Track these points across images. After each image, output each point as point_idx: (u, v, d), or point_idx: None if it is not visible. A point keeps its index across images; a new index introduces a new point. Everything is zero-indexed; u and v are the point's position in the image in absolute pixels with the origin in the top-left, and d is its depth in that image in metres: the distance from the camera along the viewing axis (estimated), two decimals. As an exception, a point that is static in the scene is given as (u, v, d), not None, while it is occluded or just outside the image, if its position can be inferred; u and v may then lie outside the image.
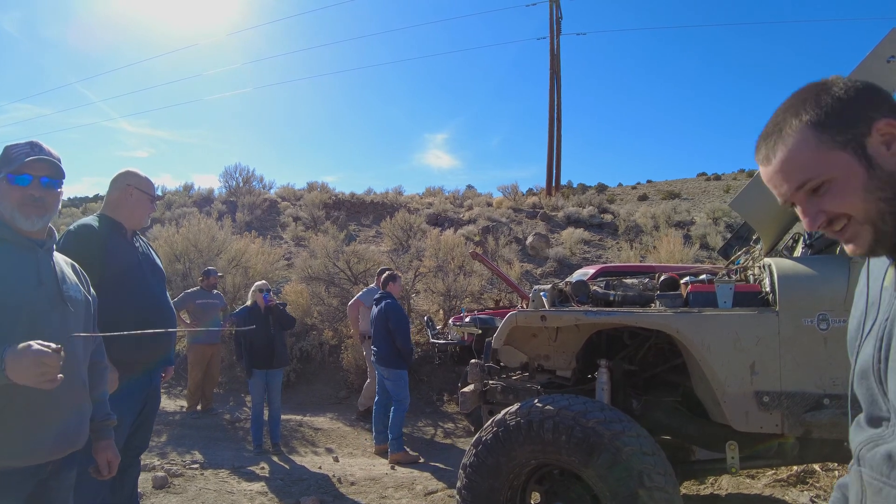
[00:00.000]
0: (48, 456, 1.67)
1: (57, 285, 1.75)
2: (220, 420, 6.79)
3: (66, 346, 1.71)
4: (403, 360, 5.51)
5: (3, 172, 1.74)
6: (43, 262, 1.73)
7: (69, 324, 1.76)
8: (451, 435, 6.50)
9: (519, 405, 2.70)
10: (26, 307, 1.62)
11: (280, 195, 18.15)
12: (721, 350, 2.51)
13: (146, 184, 2.88)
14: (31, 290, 1.66)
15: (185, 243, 8.73)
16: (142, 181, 2.86)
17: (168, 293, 3.02)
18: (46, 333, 1.64)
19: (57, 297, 1.73)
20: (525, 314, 2.88)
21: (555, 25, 18.89)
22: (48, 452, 1.66)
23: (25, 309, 1.62)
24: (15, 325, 1.58)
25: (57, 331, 1.69)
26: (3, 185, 1.74)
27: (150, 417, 2.93)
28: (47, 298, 1.70)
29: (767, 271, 2.66)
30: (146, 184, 2.88)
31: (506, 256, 12.36)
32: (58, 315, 1.72)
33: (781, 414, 2.47)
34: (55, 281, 1.75)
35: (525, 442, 2.60)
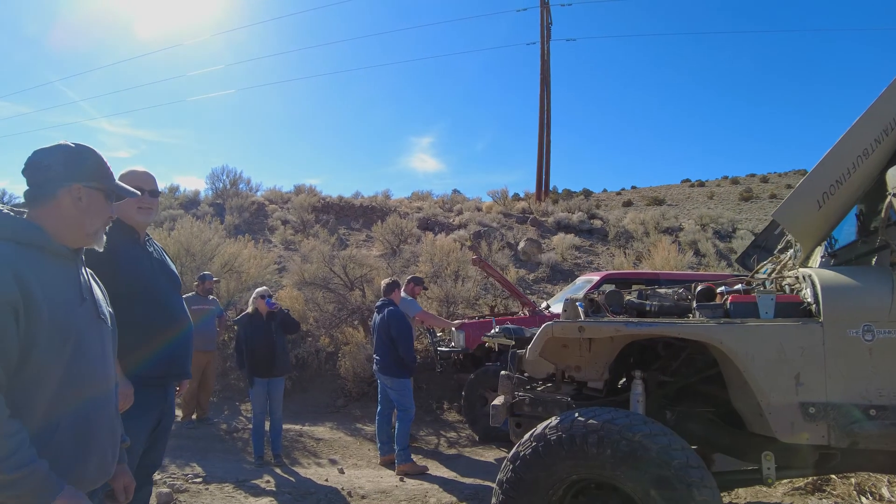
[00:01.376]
0: (88, 487, 1.53)
1: (94, 301, 1.62)
2: (216, 430, 6.62)
3: (104, 364, 1.62)
4: (406, 368, 5.39)
5: (98, 184, 1.62)
6: (81, 275, 1.60)
7: (106, 345, 1.64)
8: (454, 444, 6.41)
9: (558, 419, 2.63)
10: (73, 329, 1.48)
11: (267, 198, 17.90)
12: (765, 361, 2.48)
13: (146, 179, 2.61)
14: (74, 308, 1.52)
15: (177, 247, 8.51)
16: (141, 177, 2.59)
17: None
18: (90, 358, 1.54)
19: (95, 314, 1.60)
20: (561, 325, 2.82)
21: (545, 31, 18.99)
22: (89, 483, 1.54)
23: (72, 331, 1.48)
24: (62, 350, 1.44)
25: (98, 354, 1.58)
26: (98, 199, 1.63)
27: (165, 434, 2.77)
28: (88, 317, 1.57)
29: (808, 282, 2.64)
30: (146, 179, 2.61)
31: (499, 262, 12.34)
32: (97, 334, 1.59)
33: (827, 425, 2.45)
34: (92, 295, 1.62)
35: (567, 457, 2.53)
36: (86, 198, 1.59)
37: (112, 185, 1.67)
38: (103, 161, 1.67)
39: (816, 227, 2.75)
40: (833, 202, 2.68)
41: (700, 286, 2.98)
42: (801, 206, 2.66)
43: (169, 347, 2.62)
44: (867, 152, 2.67)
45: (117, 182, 1.71)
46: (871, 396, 2.42)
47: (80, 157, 1.61)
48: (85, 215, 1.59)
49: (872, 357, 2.43)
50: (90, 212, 1.60)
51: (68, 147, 1.61)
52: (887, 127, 2.70)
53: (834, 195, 2.66)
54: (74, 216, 1.57)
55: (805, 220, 2.68)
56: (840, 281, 2.56)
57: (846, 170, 2.66)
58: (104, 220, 1.66)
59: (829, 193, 2.65)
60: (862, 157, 2.67)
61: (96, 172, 1.63)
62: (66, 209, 1.56)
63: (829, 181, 2.64)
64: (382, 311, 5.53)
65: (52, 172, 1.56)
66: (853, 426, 2.40)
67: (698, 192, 29.89)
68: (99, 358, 1.58)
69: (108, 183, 1.66)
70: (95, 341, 1.57)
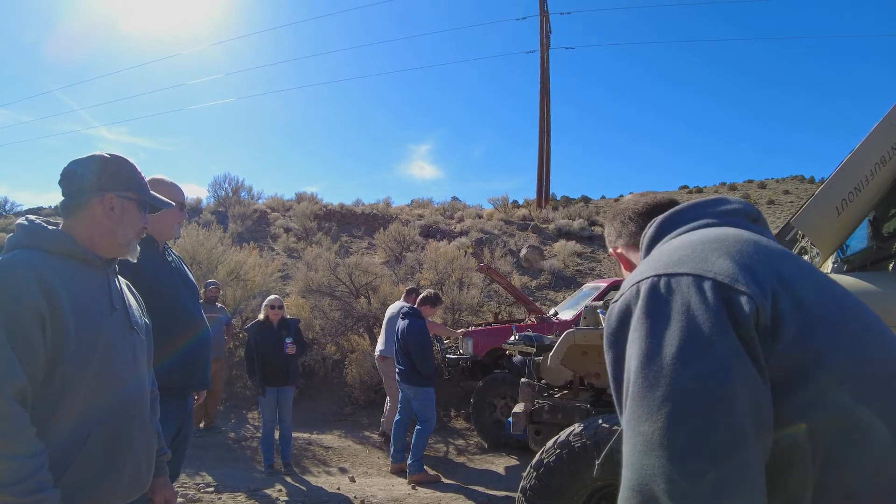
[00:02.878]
0: (122, 500, 1.52)
1: (126, 311, 1.60)
2: (225, 439, 6.59)
3: (136, 375, 1.60)
4: (426, 378, 5.31)
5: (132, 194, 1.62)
6: (112, 284, 1.59)
7: (138, 355, 1.62)
8: (463, 452, 6.40)
9: (582, 426, 2.65)
10: (101, 338, 1.46)
11: (269, 205, 17.92)
12: None
13: (175, 190, 2.70)
14: (104, 317, 1.50)
15: (182, 255, 8.49)
16: (170, 188, 2.68)
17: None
18: (120, 367, 1.52)
19: (126, 324, 1.58)
20: (584, 332, 2.84)
21: (544, 40, 19.11)
22: (123, 497, 1.51)
23: (101, 340, 1.46)
24: (92, 354, 1.43)
25: (129, 362, 1.56)
26: (131, 209, 1.62)
27: (184, 443, 2.75)
28: (119, 327, 1.55)
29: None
30: (175, 190, 2.70)
31: (502, 269, 12.35)
32: (129, 343, 1.57)
33: None
34: (124, 305, 1.60)
35: (592, 463, 2.55)
36: (118, 208, 1.58)
37: (146, 195, 1.67)
38: (137, 171, 1.67)
39: (835, 234, 2.78)
40: (852, 209, 2.71)
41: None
42: (821, 213, 2.69)
43: (189, 356, 2.62)
44: (885, 159, 2.70)
45: (152, 193, 1.71)
46: (894, 402, 2.44)
47: (113, 166, 1.62)
48: (118, 225, 1.59)
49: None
50: (123, 222, 1.60)
51: (103, 157, 1.62)
52: (904, 135, 2.74)
53: (853, 202, 2.69)
54: (107, 226, 1.57)
55: (824, 227, 2.71)
56: (859, 287, 2.58)
57: (864, 177, 2.69)
58: (137, 231, 1.66)
59: (848, 200, 2.68)
60: (879, 165, 2.70)
61: (130, 182, 1.63)
62: (98, 218, 1.56)
63: (847, 188, 2.67)
64: (406, 320, 5.42)
65: (86, 182, 1.56)
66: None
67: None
68: (130, 368, 1.57)
69: (143, 193, 1.66)
70: (126, 351, 1.56)
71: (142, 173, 1.69)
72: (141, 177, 1.68)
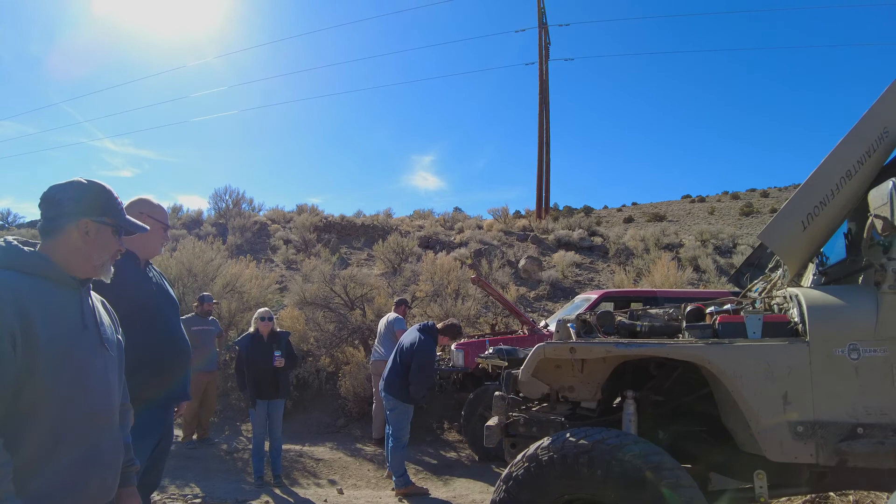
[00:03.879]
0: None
1: (97, 328, 1.66)
2: (217, 450, 6.61)
3: (106, 391, 1.66)
4: (412, 399, 5.17)
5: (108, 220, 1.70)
6: (85, 303, 1.65)
7: (108, 370, 1.68)
8: (454, 464, 6.39)
9: (550, 439, 2.66)
10: (73, 355, 1.53)
11: (270, 217, 18.03)
12: (753, 381, 2.51)
13: (160, 212, 2.80)
14: (76, 334, 1.57)
15: (179, 268, 8.58)
16: (155, 209, 2.78)
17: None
18: (90, 382, 1.58)
19: (98, 341, 1.64)
20: (553, 346, 2.86)
21: (543, 51, 19.24)
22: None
23: (72, 356, 1.53)
24: (63, 371, 1.49)
25: (99, 378, 1.62)
26: (106, 234, 1.70)
27: (164, 454, 2.81)
28: (90, 344, 1.61)
29: (795, 301, 2.68)
30: (160, 212, 2.80)
31: (499, 280, 12.37)
32: (100, 360, 1.64)
33: (815, 444, 2.47)
34: (95, 323, 1.67)
35: (559, 477, 2.56)
36: (94, 232, 1.66)
37: (122, 221, 1.75)
38: (114, 197, 1.75)
39: (802, 248, 2.80)
40: (818, 222, 2.73)
41: (689, 306, 3.02)
42: (787, 227, 2.71)
43: (169, 369, 2.68)
44: (850, 173, 2.73)
45: (127, 218, 1.79)
46: (859, 415, 2.45)
47: (91, 193, 1.70)
48: (93, 249, 1.67)
49: (859, 376, 2.46)
50: (98, 245, 1.68)
51: (80, 183, 1.70)
52: (870, 148, 2.76)
53: (819, 216, 2.71)
54: (82, 249, 1.65)
55: (791, 241, 2.73)
56: (826, 300, 2.60)
57: (830, 191, 2.71)
58: (112, 254, 1.74)
59: (814, 214, 2.70)
60: (845, 178, 2.73)
61: (106, 208, 1.71)
62: (74, 242, 1.64)
63: (813, 202, 2.70)
64: (417, 335, 5.25)
65: (64, 207, 1.64)
66: (840, 444, 2.42)
67: (699, 208, 29.94)
68: (100, 383, 1.62)
69: (118, 218, 1.74)
70: (97, 367, 1.62)
71: (118, 199, 1.77)
72: (117, 203, 1.76)
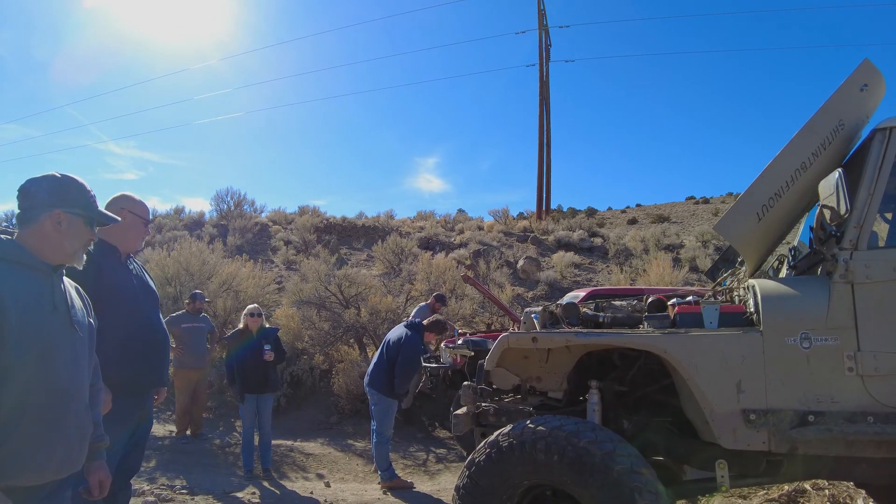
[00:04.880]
0: (52, 476, 1.69)
1: (67, 311, 1.79)
2: (209, 445, 6.72)
3: (74, 369, 1.78)
4: (395, 394, 5.25)
5: (80, 211, 1.83)
6: (56, 287, 1.78)
7: (77, 350, 1.80)
8: (443, 460, 6.46)
9: (511, 426, 2.72)
10: (42, 334, 1.66)
11: (271, 219, 18.19)
12: (708, 369, 2.56)
13: (140, 207, 2.92)
14: (45, 315, 1.69)
15: (176, 267, 8.71)
16: (136, 205, 2.90)
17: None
18: (58, 360, 1.71)
19: (67, 322, 1.77)
20: (517, 336, 2.93)
21: (544, 53, 19.31)
22: (53, 472, 1.69)
23: (41, 335, 1.65)
24: (29, 352, 1.62)
25: (67, 357, 1.75)
26: (78, 224, 1.82)
27: (143, 439, 2.92)
28: (59, 324, 1.74)
29: (751, 292, 2.73)
30: (140, 207, 2.92)
31: (497, 280, 12.43)
32: (68, 340, 1.76)
33: (768, 431, 2.51)
34: (66, 306, 1.79)
35: (518, 463, 2.62)
36: (65, 222, 1.80)
37: (93, 212, 1.89)
38: (86, 190, 1.89)
39: (758, 239, 2.84)
40: (773, 214, 2.78)
41: (651, 298, 3.07)
42: (742, 219, 2.75)
43: (145, 356, 2.78)
44: (805, 165, 2.77)
45: (100, 210, 1.93)
46: (810, 403, 2.49)
47: (63, 186, 1.83)
48: (64, 238, 1.80)
49: (810, 364, 2.50)
50: (69, 235, 1.81)
51: (54, 177, 1.84)
52: (825, 141, 2.81)
53: (774, 207, 2.76)
54: (55, 238, 1.79)
55: (746, 232, 2.77)
56: (780, 291, 2.64)
57: (785, 182, 2.76)
58: (84, 243, 1.88)
59: (769, 206, 2.75)
60: (800, 171, 2.78)
61: (78, 200, 1.84)
62: (47, 231, 1.78)
63: (768, 194, 2.75)
64: (405, 331, 5.33)
65: (38, 199, 1.79)
66: (791, 432, 2.46)
67: (703, 209, 29.81)
68: (68, 361, 1.75)
69: (90, 210, 1.87)
70: (66, 346, 1.75)
71: (91, 192, 1.91)
72: (89, 195, 1.89)
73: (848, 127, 2.86)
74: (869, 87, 2.97)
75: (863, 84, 2.97)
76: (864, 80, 2.98)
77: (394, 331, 5.52)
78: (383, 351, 5.37)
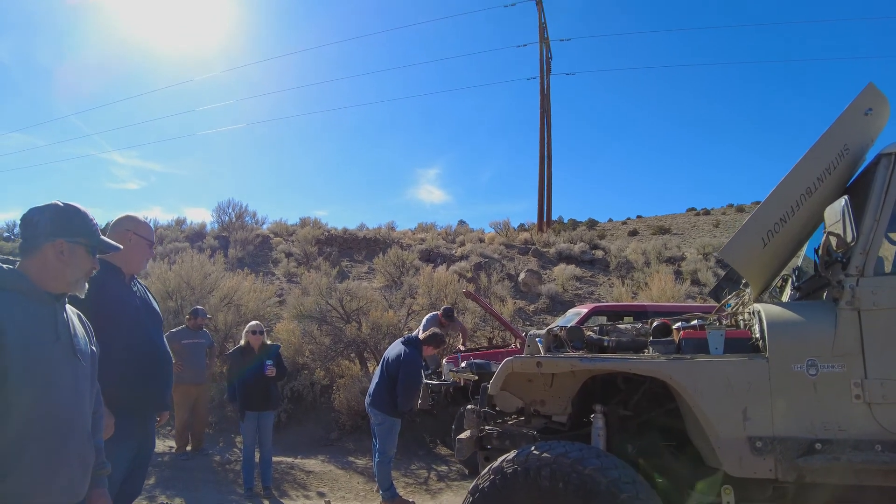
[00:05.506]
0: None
1: (70, 340, 1.78)
2: (209, 462, 6.67)
3: (76, 398, 1.77)
4: (399, 413, 5.18)
5: (82, 240, 1.82)
6: (59, 316, 1.77)
7: (79, 379, 1.79)
8: (444, 478, 6.40)
9: (516, 452, 2.70)
10: (43, 365, 1.65)
11: (272, 231, 18.20)
12: (713, 396, 2.54)
13: (145, 229, 2.93)
14: (48, 346, 1.69)
15: (177, 280, 8.70)
16: (141, 226, 2.91)
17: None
18: (60, 391, 1.70)
19: (70, 352, 1.76)
20: (521, 360, 2.91)
21: (545, 66, 19.42)
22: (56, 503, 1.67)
23: (43, 367, 1.65)
24: (34, 379, 1.61)
25: (69, 387, 1.73)
26: (80, 253, 1.81)
27: (145, 463, 2.89)
28: (61, 354, 1.73)
29: (757, 317, 2.72)
30: (145, 229, 2.93)
31: (498, 293, 12.40)
32: (70, 369, 1.75)
33: (774, 459, 2.49)
34: (69, 335, 1.79)
35: (522, 490, 2.59)
36: (68, 252, 1.79)
37: (95, 241, 1.88)
38: (88, 219, 1.88)
39: (763, 264, 2.84)
40: (779, 239, 2.77)
41: (656, 322, 3.06)
42: (747, 244, 2.75)
43: (148, 379, 2.77)
44: (810, 190, 2.77)
45: (101, 238, 1.92)
46: (817, 430, 2.47)
47: (65, 215, 1.83)
48: (66, 266, 1.79)
49: (817, 391, 2.48)
50: (71, 264, 1.80)
51: (57, 206, 1.83)
52: (830, 165, 2.81)
53: (779, 232, 2.76)
54: (57, 267, 1.78)
55: (751, 258, 2.77)
56: (786, 316, 2.63)
57: (790, 208, 2.76)
58: (85, 271, 1.86)
59: (774, 231, 2.74)
60: (806, 196, 2.77)
61: (80, 229, 1.84)
62: (49, 261, 1.77)
63: (773, 219, 2.74)
64: (402, 348, 5.24)
65: (40, 228, 1.78)
66: (798, 460, 2.44)
67: (704, 221, 29.85)
68: (70, 391, 1.74)
69: (92, 239, 1.86)
70: (67, 376, 1.73)
71: (93, 221, 1.90)
72: (91, 224, 1.88)
73: (852, 151, 2.86)
74: (873, 111, 2.98)
75: (867, 108, 2.97)
76: (869, 104, 2.99)
77: (392, 348, 5.46)
78: (383, 368, 5.30)
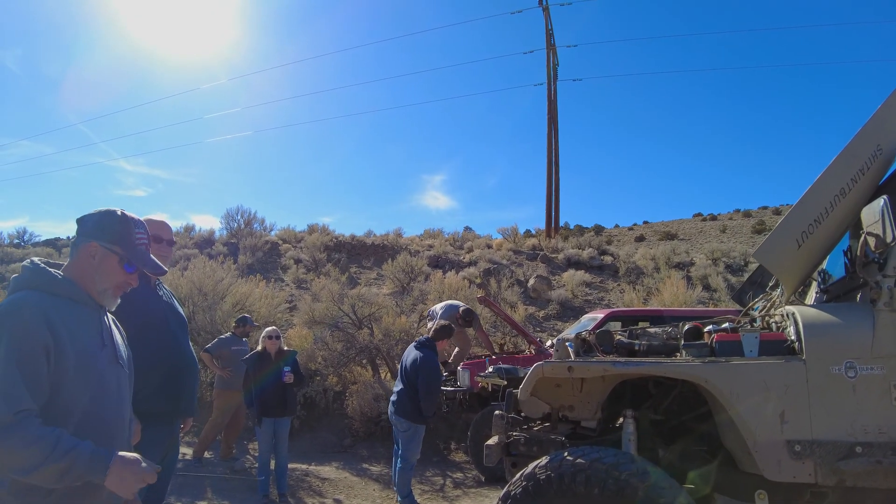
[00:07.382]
0: None
1: (113, 346, 1.79)
2: (223, 469, 6.64)
3: (119, 404, 1.77)
4: (424, 418, 5.13)
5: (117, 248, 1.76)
6: (103, 322, 1.77)
7: (122, 385, 1.79)
8: (461, 485, 6.35)
9: (548, 458, 2.66)
10: (95, 372, 1.65)
11: (281, 237, 18.23)
12: (750, 399, 2.51)
13: (162, 227, 2.84)
14: (97, 351, 1.69)
15: (189, 286, 8.70)
16: (158, 227, 2.82)
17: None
18: (107, 397, 1.70)
19: (113, 358, 1.76)
20: (552, 365, 2.88)
21: (552, 72, 19.46)
22: None
23: (92, 370, 1.65)
24: (87, 385, 1.61)
25: (114, 391, 1.74)
26: (111, 262, 1.75)
27: (170, 469, 2.87)
28: (107, 360, 1.73)
29: (791, 319, 2.69)
30: (162, 227, 2.84)
31: (508, 299, 12.37)
32: (114, 376, 1.75)
33: (814, 463, 2.45)
34: (112, 342, 1.79)
35: (556, 496, 2.56)
36: (99, 256, 1.74)
37: (127, 252, 1.78)
38: (131, 231, 1.79)
39: (797, 266, 2.81)
40: (813, 240, 2.74)
41: (687, 325, 3.03)
42: (781, 245, 2.72)
43: (176, 385, 2.75)
44: (844, 191, 2.75)
45: (139, 253, 1.82)
46: (857, 433, 2.43)
47: (107, 220, 1.78)
48: (95, 272, 1.74)
49: (856, 394, 2.45)
50: (100, 270, 1.75)
51: (107, 211, 1.80)
52: (863, 166, 2.79)
53: (813, 234, 2.73)
54: (87, 271, 1.74)
55: (785, 259, 2.74)
56: (822, 318, 2.60)
57: (824, 209, 2.73)
58: (115, 283, 1.78)
59: (808, 232, 2.71)
60: (840, 197, 2.75)
61: (117, 237, 1.77)
62: (83, 263, 1.74)
63: (807, 220, 2.72)
64: (418, 351, 5.21)
65: (83, 229, 1.76)
66: (839, 464, 2.40)
67: (710, 226, 29.76)
68: (115, 397, 1.74)
69: (127, 251, 1.77)
70: (112, 383, 1.73)
71: (138, 234, 1.80)
72: (133, 236, 1.79)
73: (886, 151, 2.84)
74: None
75: None
76: None
77: (407, 353, 5.41)
78: (402, 376, 5.26)
